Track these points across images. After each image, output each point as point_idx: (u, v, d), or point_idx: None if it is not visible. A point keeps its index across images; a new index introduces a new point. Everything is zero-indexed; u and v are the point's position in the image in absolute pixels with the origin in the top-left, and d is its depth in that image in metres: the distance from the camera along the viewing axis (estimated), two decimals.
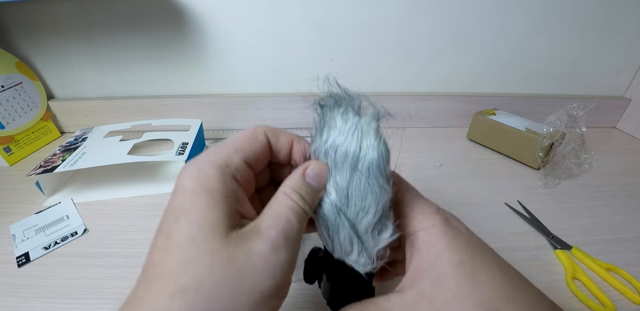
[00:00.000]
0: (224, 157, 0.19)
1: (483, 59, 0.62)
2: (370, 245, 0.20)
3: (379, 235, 0.20)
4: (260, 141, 0.20)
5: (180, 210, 0.17)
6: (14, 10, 0.55)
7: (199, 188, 0.17)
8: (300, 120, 0.64)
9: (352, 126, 0.19)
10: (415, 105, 0.64)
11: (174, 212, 0.17)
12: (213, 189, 0.17)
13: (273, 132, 0.21)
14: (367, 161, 0.19)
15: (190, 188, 0.17)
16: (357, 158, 0.19)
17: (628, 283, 0.33)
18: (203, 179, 0.17)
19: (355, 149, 0.19)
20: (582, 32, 0.60)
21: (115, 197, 0.45)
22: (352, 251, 0.20)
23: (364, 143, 0.19)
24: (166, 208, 0.18)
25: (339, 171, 0.20)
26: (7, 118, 0.53)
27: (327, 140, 0.20)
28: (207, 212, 0.16)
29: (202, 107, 0.62)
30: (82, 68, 0.61)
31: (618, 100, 0.66)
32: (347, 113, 0.20)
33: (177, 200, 0.17)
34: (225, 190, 0.18)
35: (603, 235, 0.39)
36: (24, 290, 0.32)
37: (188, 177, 0.18)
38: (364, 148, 0.19)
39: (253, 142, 0.20)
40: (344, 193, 0.19)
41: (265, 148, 0.21)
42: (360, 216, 0.19)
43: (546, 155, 0.50)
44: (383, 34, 0.59)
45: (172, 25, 0.56)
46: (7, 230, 0.39)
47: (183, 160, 0.45)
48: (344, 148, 0.19)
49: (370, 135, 0.19)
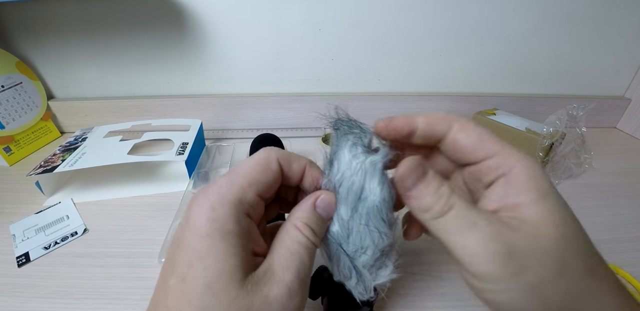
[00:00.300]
0: (238, 193, 0.18)
1: (483, 59, 0.62)
2: (367, 278, 0.20)
3: (377, 271, 0.20)
4: (273, 171, 0.20)
5: (195, 254, 0.16)
6: (14, 10, 0.55)
7: (214, 231, 0.17)
8: (300, 120, 0.64)
9: (357, 164, 0.19)
10: (415, 105, 0.64)
11: (189, 255, 0.17)
12: (228, 232, 0.17)
13: (286, 159, 0.20)
14: (367, 204, 0.19)
15: (204, 231, 0.17)
16: (359, 198, 0.19)
17: (628, 283, 0.33)
18: (217, 220, 0.17)
19: (358, 189, 0.19)
20: (582, 32, 0.60)
21: (115, 197, 0.45)
22: (351, 279, 0.20)
23: (366, 185, 0.19)
24: (177, 244, 0.17)
25: (343, 204, 0.20)
26: (7, 118, 0.53)
27: (336, 171, 0.20)
28: (223, 259, 0.16)
29: (202, 107, 0.62)
30: (82, 68, 0.61)
31: (618, 100, 0.66)
32: (356, 147, 0.20)
33: (191, 241, 0.17)
34: (240, 231, 0.17)
35: (603, 235, 0.39)
36: (24, 290, 0.32)
37: (202, 217, 0.17)
38: (366, 189, 0.19)
39: (267, 172, 0.19)
40: (345, 226, 0.20)
41: (277, 177, 0.20)
42: (358, 253, 0.20)
43: (546, 155, 0.49)
44: (383, 34, 0.59)
45: (172, 25, 0.56)
46: (7, 230, 0.39)
47: (183, 160, 0.45)
48: (349, 183, 0.19)
49: (374, 178, 0.19)
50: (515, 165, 0.18)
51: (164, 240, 0.36)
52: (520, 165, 0.18)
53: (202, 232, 0.17)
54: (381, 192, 0.19)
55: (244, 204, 0.18)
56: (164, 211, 0.42)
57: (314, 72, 0.62)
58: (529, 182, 0.18)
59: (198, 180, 0.45)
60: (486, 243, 0.16)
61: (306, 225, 0.19)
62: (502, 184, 0.18)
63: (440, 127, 0.20)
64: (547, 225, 0.17)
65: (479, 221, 0.17)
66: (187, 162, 0.46)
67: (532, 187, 0.18)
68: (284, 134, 0.61)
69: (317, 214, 0.19)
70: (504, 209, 0.18)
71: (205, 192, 0.18)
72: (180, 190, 0.46)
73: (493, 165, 0.19)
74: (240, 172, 0.19)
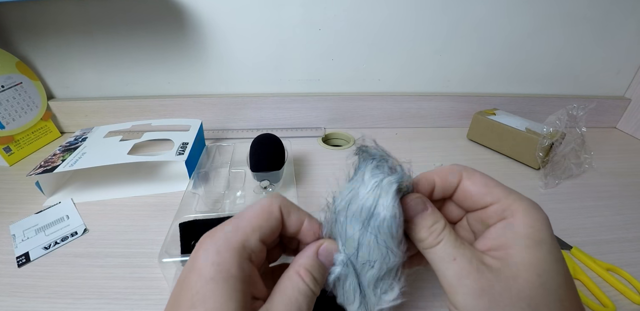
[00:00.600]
0: (242, 239, 0.19)
1: (483, 58, 0.62)
2: (371, 302, 0.20)
3: (382, 294, 0.20)
4: (275, 217, 0.21)
5: (198, 297, 0.17)
6: (14, 10, 0.55)
7: (217, 275, 0.18)
8: (300, 120, 0.64)
9: (375, 182, 0.20)
10: (415, 105, 0.64)
11: (192, 297, 0.17)
12: (231, 276, 0.18)
13: (287, 208, 0.21)
14: (379, 219, 0.19)
15: (209, 274, 0.18)
16: (372, 214, 0.20)
17: (628, 283, 0.33)
18: (222, 264, 0.18)
19: (371, 205, 0.19)
20: (582, 32, 0.60)
21: (115, 197, 0.45)
22: (354, 302, 0.21)
23: (380, 201, 0.19)
24: (181, 286, 0.18)
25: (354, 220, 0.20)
26: (7, 118, 0.53)
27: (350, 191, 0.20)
28: (224, 302, 0.17)
29: (202, 107, 0.62)
30: (82, 68, 0.61)
31: (618, 100, 0.66)
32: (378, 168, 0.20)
33: (196, 284, 0.18)
34: (242, 276, 0.18)
35: (603, 235, 0.39)
36: (24, 290, 0.32)
37: (207, 260, 0.18)
38: (379, 205, 0.19)
39: (269, 218, 0.21)
40: (355, 241, 0.20)
41: (279, 224, 0.21)
42: (366, 268, 0.20)
43: (546, 155, 0.49)
44: (383, 34, 0.59)
45: (173, 25, 0.56)
46: (7, 230, 0.39)
47: (183, 160, 0.45)
48: (362, 201, 0.20)
49: (389, 195, 0.19)
50: (518, 210, 0.20)
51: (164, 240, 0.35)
52: (523, 212, 0.19)
53: (206, 276, 0.18)
54: (392, 209, 0.19)
55: (247, 249, 0.19)
56: (164, 211, 0.42)
57: (314, 72, 0.62)
58: (527, 229, 0.19)
59: (198, 180, 0.45)
60: (460, 278, 0.18)
61: (308, 272, 0.20)
62: (501, 226, 0.20)
63: (451, 178, 0.22)
64: (530, 271, 0.18)
65: (460, 257, 0.19)
66: (187, 162, 0.46)
67: (529, 234, 0.19)
68: (284, 134, 0.61)
69: (319, 262, 0.20)
70: (494, 249, 0.19)
71: (212, 236, 0.19)
72: (180, 190, 0.46)
73: (498, 209, 0.20)
74: (246, 217, 0.20)
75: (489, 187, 0.21)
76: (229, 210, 0.41)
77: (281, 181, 0.46)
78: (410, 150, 0.58)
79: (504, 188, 0.21)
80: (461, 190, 0.22)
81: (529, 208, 0.20)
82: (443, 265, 0.19)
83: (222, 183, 0.47)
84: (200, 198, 0.43)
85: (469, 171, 0.22)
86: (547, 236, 0.19)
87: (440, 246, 0.20)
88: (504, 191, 0.21)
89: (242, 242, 0.19)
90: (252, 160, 0.44)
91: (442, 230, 0.20)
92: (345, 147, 0.60)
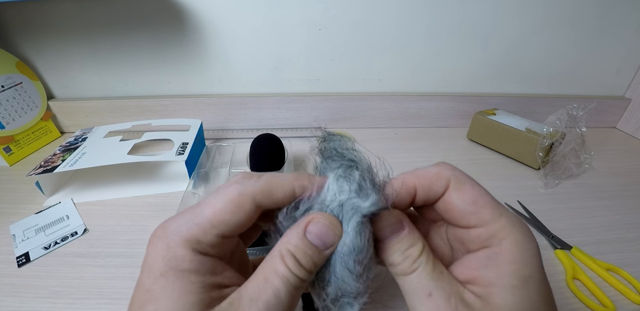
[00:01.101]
0: (197, 233, 0.17)
1: (483, 58, 0.62)
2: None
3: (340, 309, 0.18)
4: (245, 211, 0.17)
5: (148, 296, 0.16)
6: (14, 10, 0.55)
7: (168, 270, 0.16)
8: (300, 120, 0.64)
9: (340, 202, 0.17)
10: (415, 105, 0.64)
11: (142, 295, 0.16)
12: (183, 270, 0.16)
13: (266, 195, 0.18)
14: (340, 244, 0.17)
15: (158, 270, 0.16)
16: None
17: (628, 283, 0.33)
18: (172, 259, 0.16)
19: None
20: (582, 32, 0.60)
21: (115, 197, 0.45)
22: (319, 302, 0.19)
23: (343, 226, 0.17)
24: (136, 285, 0.17)
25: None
26: (7, 118, 0.53)
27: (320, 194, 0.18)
28: (177, 298, 0.15)
29: (202, 107, 0.62)
30: (82, 68, 0.60)
31: (618, 100, 0.66)
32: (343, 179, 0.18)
33: (145, 281, 0.16)
34: (199, 269, 0.16)
35: (603, 235, 0.39)
36: (24, 290, 0.32)
37: (156, 256, 0.16)
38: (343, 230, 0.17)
39: (236, 212, 0.17)
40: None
41: (250, 217, 0.18)
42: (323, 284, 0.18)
43: (546, 155, 0.49)
44: (383, 34, 0.59)
45: (173, 25, 0.56)
46: (7, 230, 0.39)
47: (183, 160, 0.45)
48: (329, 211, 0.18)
49: (352, 222, 0.17)
50: (506, 239, 0.17)
51: None
52: (511, 242, 0.17)
53: (156, 272, 0.16)
54: (352, 241, 0.17)
55: (202, 244, 0.17)
56: (164, 211, 0.42)
57: (314, 72, 0.62)
58: (514, 265, 0.17)
59: (198, 180, 0.45)
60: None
61: (290, 254, 0.17)
62: (485, 256, 0.17)
63: (436, 187, 0.19)
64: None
65: (436, 292, 0.16)
66: (187, 162, 0.46)
67: (515, 271, 0.16)
68: (284, 134, 0.61)
69: (307, 242, 0.17)
70: (476, 282, 0.17)
71: (164, 229, 0.17)
72: (180, 190, 0.46)
73: (483, 234, 0.18)
74: (206, 211, 0.17)
75: (478, 205, 0.18)
76: None
77: None
78: (410, 150, 0.58)
79: (494, 209, 0.18)
80: (446, 201, 0.19)
81: (519, 239, 0.17)
82: (416, 300, 0.17)
83: (222, 183, 0.47)
84: (200, 198, 0.43)
85: (458, 179, 0.19)
86: (535, 272, 0.17)
87: (415, 275, 0.17)
88: (493, 213, 0.18)
89: (197, 237, 0.17)
90: (252, 160, 0.44)
91: (419, 255, 0.17)
92: None
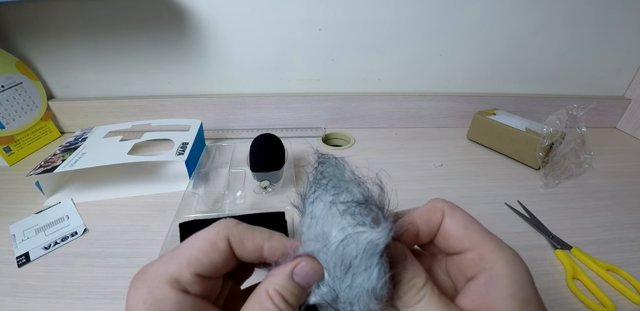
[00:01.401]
0: (174, 271, 0.17)
1: (483, 58, 0.62)
2: None
3: None
4: (219, 249, 0.18)
5: None
6: (15, 10, 0.55)
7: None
8: (300, 120, 0.64)
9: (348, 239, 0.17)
10: (415, 105, 0.64)
11: None
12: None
13: (238, 238, 0.18)
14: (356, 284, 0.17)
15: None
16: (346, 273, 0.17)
17: (628, 283, 0.33)
18: (155, 303, 0.16)
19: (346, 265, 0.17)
20: (582, 32, 0.60)
21: (115, 197, 0.45)
22: None
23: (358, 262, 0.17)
24: None
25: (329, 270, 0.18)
26: (7, 118, 0.53)
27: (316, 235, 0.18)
28: None
29: (202, 107, 0.62)
30: (82, 68, 0.61)
31: (618, 100, 0.66)
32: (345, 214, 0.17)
33: None
34: (181, 307, 0.17)
35: (603, 235, 0.39)
36: (24, 290, 0.32)
37: (137, 300, 0.17)
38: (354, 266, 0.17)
39: (211, 251, 0.18)
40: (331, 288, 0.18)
41: (225, 257, 0.18)
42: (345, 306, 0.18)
43: (546, 155, 0.49)
44: (383, 33, 0.59)
45: (173, 25, 0.56)
46: (7, 230, 0.39)
47: (183, 160, 0.45)
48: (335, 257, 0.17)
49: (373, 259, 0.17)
50: (497, 262, 0.18)
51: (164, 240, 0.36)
52: (504, 265, 0.18)
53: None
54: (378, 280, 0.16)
55: (181, 283, 0.17)
56: (164, 211, 0.42)
57: (314, 72, 0.62)
58: (511, 288, 0.17)
59: (198, 180, 0.46)
60: None
61: (278, 294, 0.17)
62: (483, 283, 0.18)
63: (434, 219, 0.20)
64: None
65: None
66: (187, 162, 0.46)
67: (513, 294, 0.17)
68: (284, 134, 0.61)
69: (293, 283, 0.18)
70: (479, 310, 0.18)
71: (145, 272, 0.18)
72: (180, 190, 0.46)
73: (475, 257, 0.18)
74: (184, 249, 0.18)
75: (469, 229, 0.19)
76: (229, 210, 0.41)
77: (281, 181, 0.46)
78: (410, 150, 0.58)
79: (484, 233, 0.19)
80: (442, 228, 0.20)
81: (511, 259, 0.18)
82: None
83: (222, 183, 0.47)
84: (200, 198, 0.43)
85: (451, 208, 0.20)
86: (532, 295, 0.17)
87: (420, 306, 0.17)
88: (483, 237, 0.19)
89: (176, 277, 0.17)
90: (252, 160, 0.44)
91: (423, 285, 0.18)
92: (345, 146, 0.60)
